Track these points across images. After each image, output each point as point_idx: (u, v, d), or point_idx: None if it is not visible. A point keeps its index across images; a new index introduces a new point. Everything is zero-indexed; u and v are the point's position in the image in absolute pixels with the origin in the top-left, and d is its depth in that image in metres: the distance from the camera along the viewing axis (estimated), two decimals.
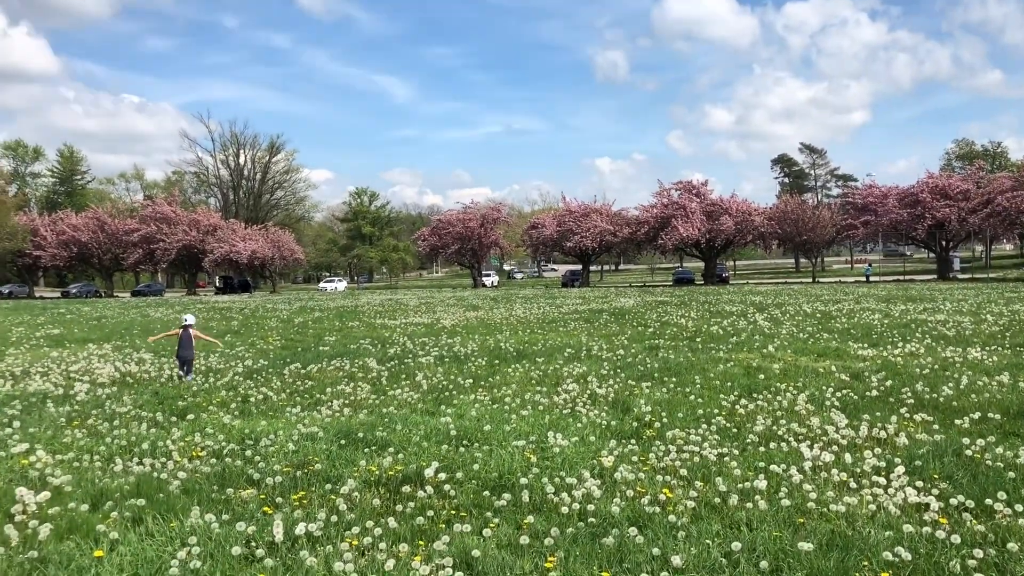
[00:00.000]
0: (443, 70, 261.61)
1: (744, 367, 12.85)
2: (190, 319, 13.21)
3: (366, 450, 7.24)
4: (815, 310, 25.62)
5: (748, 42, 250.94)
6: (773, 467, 6.43)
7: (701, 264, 78.03)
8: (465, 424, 8.24)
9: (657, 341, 17.03)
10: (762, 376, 11.59)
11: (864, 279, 65.15)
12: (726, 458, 6.90)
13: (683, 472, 6.43)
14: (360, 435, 7.72)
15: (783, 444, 7.39)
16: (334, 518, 5.11)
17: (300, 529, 4.79)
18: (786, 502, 5.55)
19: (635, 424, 8.29)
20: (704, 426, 8.11)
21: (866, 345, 15.44)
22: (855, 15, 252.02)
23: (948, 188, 64.50)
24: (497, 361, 13.84)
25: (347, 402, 9.92)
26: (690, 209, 69.61)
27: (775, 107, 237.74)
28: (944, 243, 66.66)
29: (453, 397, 10.21)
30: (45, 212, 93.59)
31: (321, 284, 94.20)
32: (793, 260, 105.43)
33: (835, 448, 7.13)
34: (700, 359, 13.91)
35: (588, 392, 10.31)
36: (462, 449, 7.19)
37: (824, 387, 10.33)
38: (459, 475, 6.24)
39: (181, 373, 12.65)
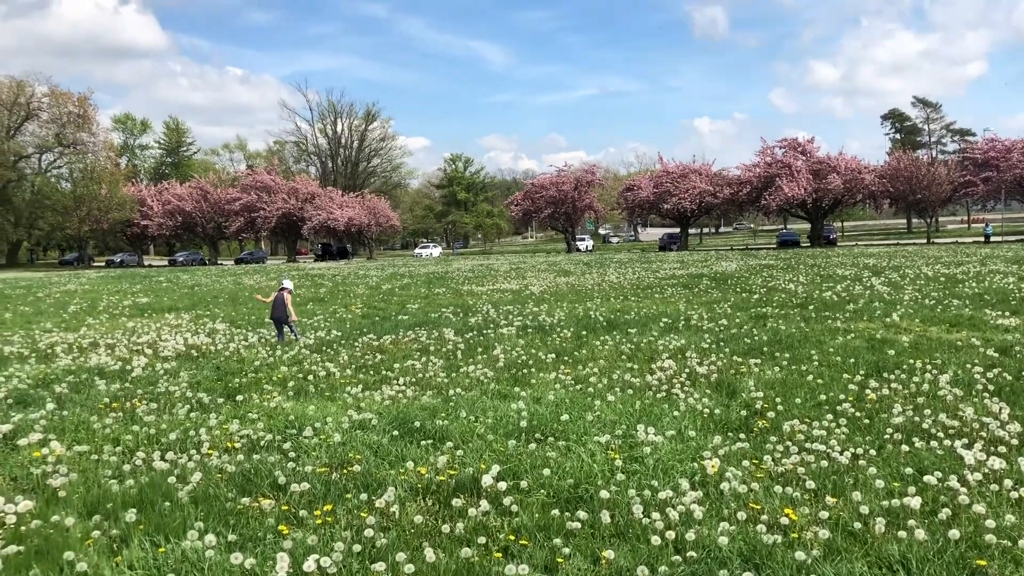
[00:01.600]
0: (538, 34, 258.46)
1: (867, 339, 11.24)
2: (287, 283, 13.09)
3: (422, 443, 6.17)
4: (937, 273, 23.31)
5: None
6: (926, 476, 5.04)
7: (806, 226, 74.41)
8: (540, 411, 7.07)
9: (764, 309, 15.44)
10: (890, 351, 9.99)
11: (984, 239, 60.70)
12: (861, 461, 5.52)
13: (808, 482, 5.10)
14: (417, 424, 6.65)
15: (932, 442, 5.94)
16: (357, 547, 4.03)
17: (310, 565, 3.72)
18: (953, 532, 4.18)
19: (744, 412, 6.96)
20: (829, 416, 6.71)
21: (1006, 313, 13.51)
22: None
23: None
24: (585, 332, 12.60)
25: (414, 380, 8.90)
26: (795, 168, 66.10)
27: (884, 61, 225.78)
28: None
29: (532, 375, 9.06)
30: (152, 183, 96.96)
31: (416, 250, 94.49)
32: (905, 220, 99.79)
33: (1002, 449, 5.66)
34: (815, 330, 12.34)
35: (687, 370, 8.99)
36: (533, 445, 6.03)
37: (969, 365, 8.70)
38: (525, 483, 5.10)
39: (276, 335, 12.73)
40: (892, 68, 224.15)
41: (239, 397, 8.10)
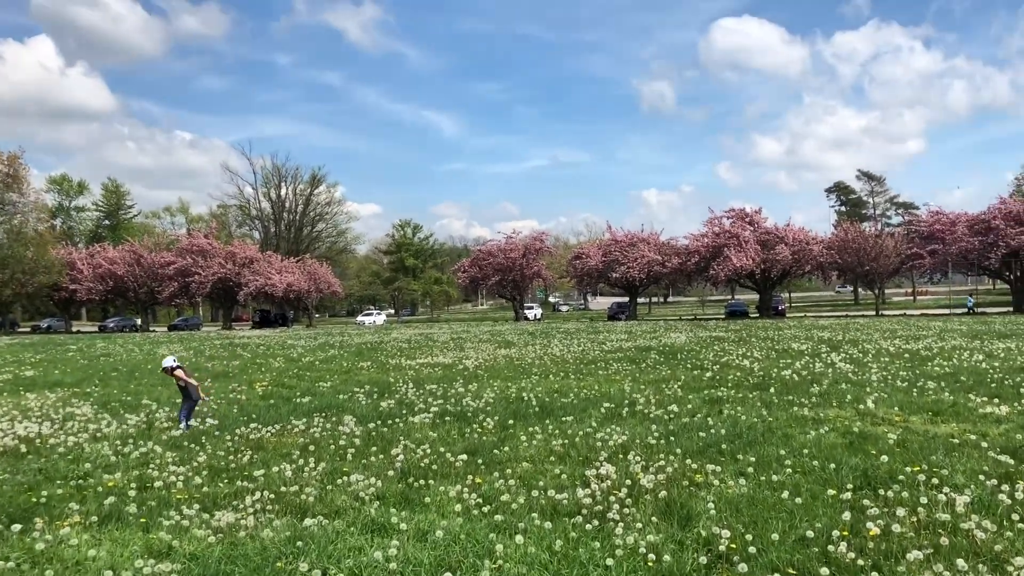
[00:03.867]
0: (490, 104, 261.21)
1: (842, 433, 9.47)
2: (169, 362, 10.74)
3: None
4: (899, 349, 21.90)
5: (798, 71, 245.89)
6: None
7: (754, 296, 73.90)
8: (418, 562, 5.03)
9: (719, 391, 13.64)
10: (875, 451, 8.20)
11: (967, 310, 61.33)
12: None
13: None
14: None
15: None
16: None
17: None
18: None
19: (703, 558, 5.02)
20: (820, 566, 4.81)
21: (991, 398, 11.89)
22: (909, 43, 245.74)
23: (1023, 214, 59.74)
24: (513, 421, 10.61)
25: (274, 494, 6.80)
26: (743, 238, 65.71)
27: (826, 136, 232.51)
28: (1021, 272, 61.71)
29: (429, 490, 7.02)
30: (87, 246, 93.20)
31: (359, 318, 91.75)
32: (852, 292, 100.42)
33: None
34: (779, 419, 10.54)
35: (629, 480, 7.06)
36: None
37: (981, 476, 6.92)
38: None
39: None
40: (834, 143, 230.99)
41: (34, 521, 5.92)
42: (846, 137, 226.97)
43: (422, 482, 7.22)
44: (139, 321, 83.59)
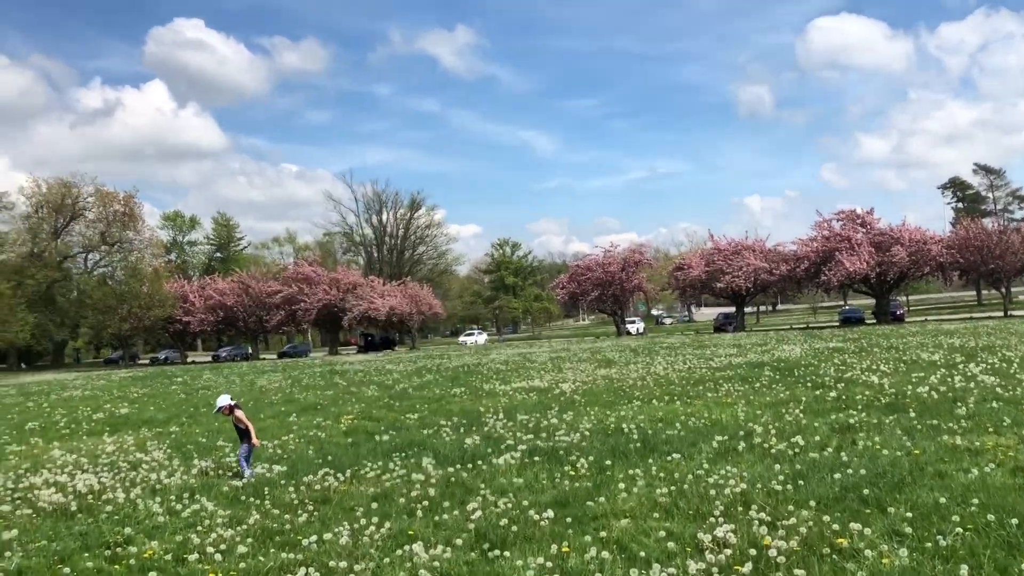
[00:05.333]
0: (585, 120, 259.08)
1: (1011, 469, 7.83)
2: (223, 401, 9.88)
3: None
4: None
5: (902, 66, 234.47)
6: None
7: (869, 301, 69.93)
8: None
9: (847, 415, 11.96)
10: None
11: None
12: None
13: None
14: None
15: None
16: None
17: None
18: None
19: None
20: None
21: None
22: (1022, 29, 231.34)
23: None
24: (610, 461, 9.30)
25: (321, 572, 5.73)
26: (856, 240, 62.27)
27: (936, 132, 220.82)
28: None
29: (506, 561, 5.81)
30: (200, 279, 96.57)
31: (461, 338, 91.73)
32: (974, 292, 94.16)
33: None
34: (927, 451, 8.90)
35: (753, 548, 5.68)
36: None
37: None
38: None
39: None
40: (944, 139, 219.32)
41: None
42: (957, 131, 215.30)
43: (497, 552, 6.01)
44: (250, 350, 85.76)
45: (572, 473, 8.86)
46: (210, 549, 6.28)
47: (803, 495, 7.23)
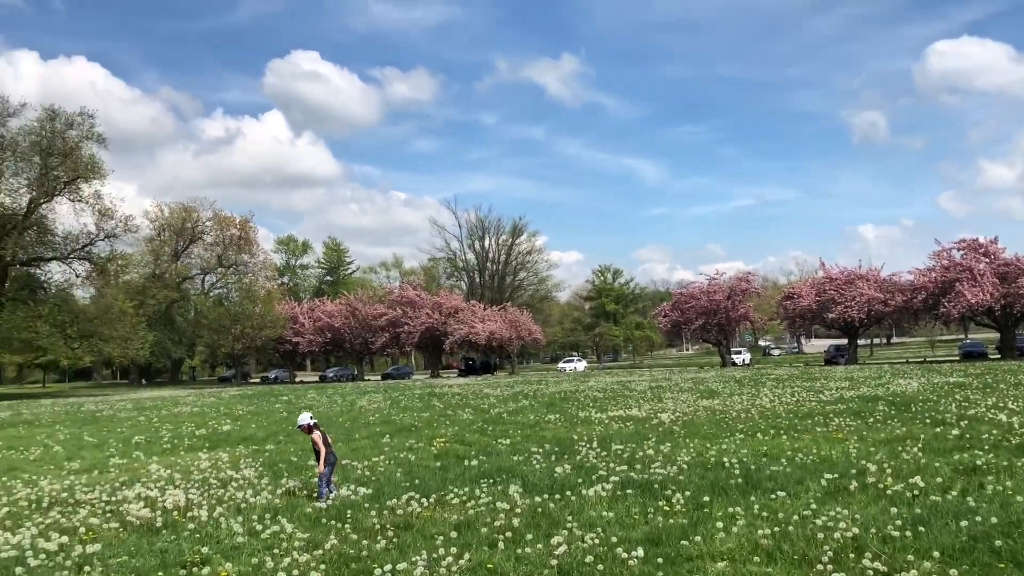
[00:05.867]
0: (692, 147, 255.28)
1: None
2: (304, 419, 9.70)
3: None
4: None
5: None
6: None
7: (993, 335, 65.76)
8: None
9: (974, 455, 10.95)
10: None
11: None
12: None
13: None
14: None
15: None
16: None
17: None
18: None
19: None
20: None
21: None
22: None
23: None
24: (708, 497, 8.71)
25: None
26: (978, 271, 58.66)
27: None
28: None
29: None
30: (309, 300, 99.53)
31: (560, 364, 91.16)
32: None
33: None
34: None
35: None
36: None
37: None
38: None
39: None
40: None
41: None
42: None
43: None
44: (356, 371, 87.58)
45: (666, 508, 8.33)
46: (281, 575, 6.06)
47: (924, 543, 6.51)
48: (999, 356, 59.39)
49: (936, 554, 6.15)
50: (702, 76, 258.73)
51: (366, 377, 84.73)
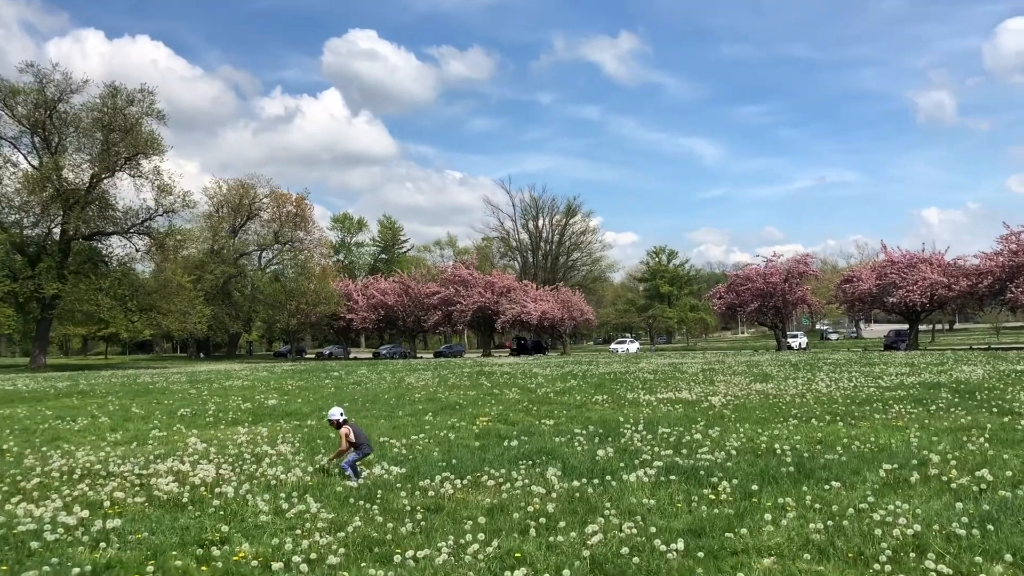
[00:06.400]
0: (752, 128, 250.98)
1: None
2: (335, 413, 9.42)
3: None
4: None
5: None
6: None
7: None
8: None
9: None
10: None
11: None
12: None
13: None
14: None
15: None
16: None
17: None
18: None
19: None
20: None
21: None
22: None
23: None
24: (756, 486, 8.23)
25: None
26: None
27: None
28: None
29: None
30: (364, 278, 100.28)
31: (612, 345, 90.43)
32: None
33: None
34: None
35: None
36: None
37: None
38: None
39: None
40: None
41: None
42: None
43: None
44: (408, 348, 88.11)
45: (712, 497, 7.88)
46: (297, 558, 5.79)
47: (993, 544, 5.97)
48: None
49: (1008, 557, 5.61)
50: (763, 56, 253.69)
51: (419, 355, 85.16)
